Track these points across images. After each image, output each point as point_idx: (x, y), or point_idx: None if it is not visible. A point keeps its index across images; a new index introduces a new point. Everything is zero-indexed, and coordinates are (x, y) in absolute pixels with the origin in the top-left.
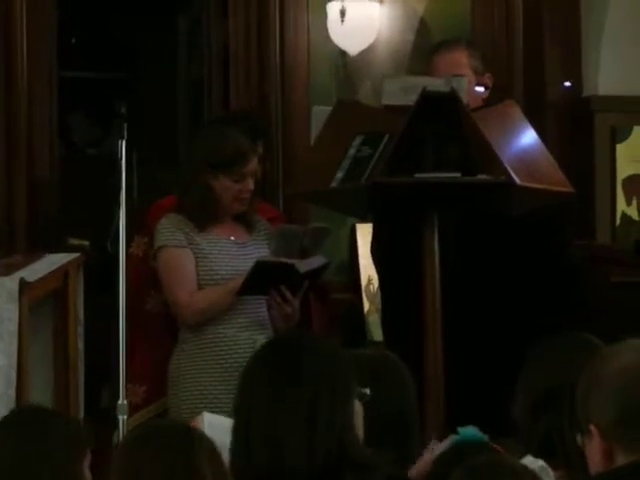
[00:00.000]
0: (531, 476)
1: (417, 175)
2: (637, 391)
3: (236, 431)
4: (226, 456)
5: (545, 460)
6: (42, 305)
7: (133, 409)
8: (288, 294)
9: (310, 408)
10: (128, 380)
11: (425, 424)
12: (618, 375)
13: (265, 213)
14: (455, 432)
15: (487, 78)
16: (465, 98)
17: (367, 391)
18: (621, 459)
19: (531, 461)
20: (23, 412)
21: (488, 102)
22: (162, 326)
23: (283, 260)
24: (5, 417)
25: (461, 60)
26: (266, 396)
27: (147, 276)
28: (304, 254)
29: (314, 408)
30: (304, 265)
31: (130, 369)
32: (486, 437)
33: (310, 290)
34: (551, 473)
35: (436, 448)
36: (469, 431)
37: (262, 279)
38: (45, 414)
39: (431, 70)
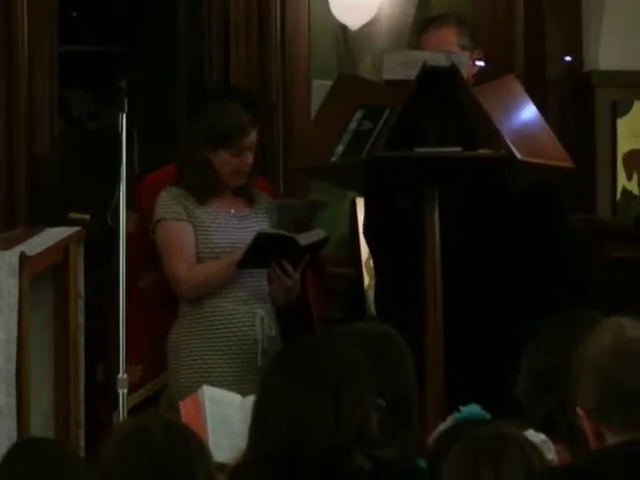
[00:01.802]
0: (533, 448)
1: (418, 150)
2: (613, 371)
3: (258, 422)
4: (231, 427)
5: (547, 436)
6: (42, 279)
7: (131, 388)
8: (289, 267)
9: (334, 399)
10: (131, 361)
11: (425, 405)
12: (596, 356)
13: (255, 187)
14: (457, 410)
15: (476, 54)
16: (465, 73)
17: (382, 402)
18: (610, 439)
19: (532, 434)
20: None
21: (488, 77)
22: (156, 303)
23: (284, 233)
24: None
25: (450, 38)
26: (289, 389)
27: (138, 252)
28: (300, 226)
29: (337, 399)
30: (305, 238)
31: (126, 348)
32: (488, 415)
33: (307, 264)
34: (552, 447)
35: (440, 426)
36: (472, 409)
37: (263, 251)
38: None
39: (420, 47)
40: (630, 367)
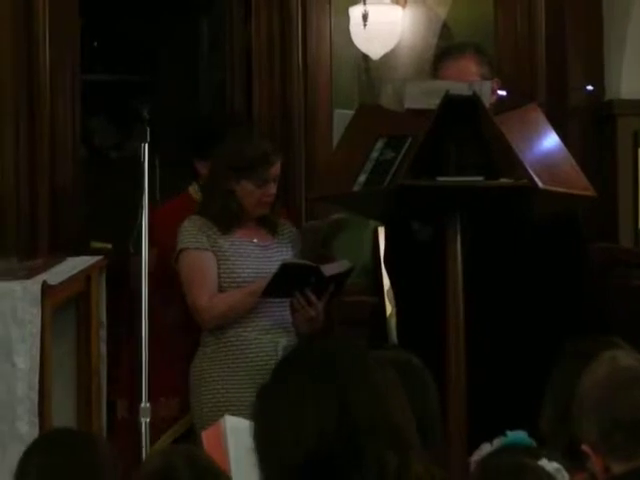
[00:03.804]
0: (547, 477)
1: (440, 179)
2: (610, 402)
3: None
4: (252, 458)
5: (569, 464)
6: (65, 308)
7: (171, 421)
8: (313, 297)
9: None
10: (161, 394)
11: (447, 434)
12: (592, 390)
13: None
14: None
15: (495, 82)
16: (487, 102)
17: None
18: (618, 470)
19: (546, 463)
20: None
21: (509, 106)
22: (180, 337)
23: (308, 262)
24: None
25: (470, 68)
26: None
27: (162, 287)
28: (327, 245)
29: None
30: (330, 269)
31: (159, 383)
32: (534, 442)
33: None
34: (566, 475)
35: (483, 448)
36: (518, 434)
37: (287, 281)
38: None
39: (438, 76)
40: (626, 396)
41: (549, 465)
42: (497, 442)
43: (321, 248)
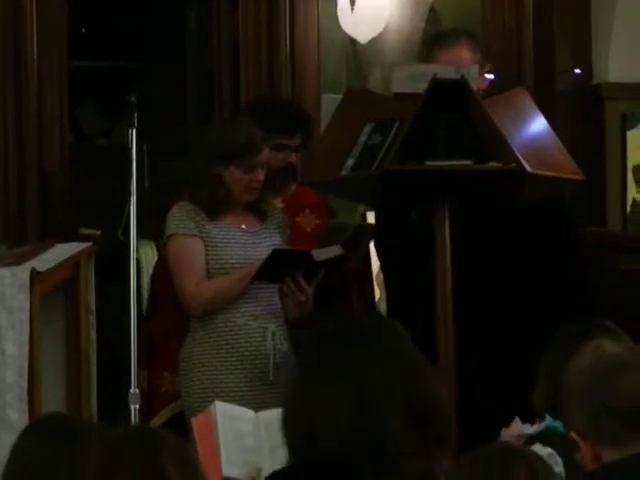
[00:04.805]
0: (541, 462)
1: (428, 163)
2: (596, 389)
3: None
4: (243, 443)
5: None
6: (53, 295)
7: (168, 397)
8: (303, 282)
9: (358, 391)
10: (164, 368)
11: None
12: (578, 378)
13: (308, 198)
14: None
15: (488, 68)
16: (475, 86)
17: None
18: (608, 457)
19: (539, 448)
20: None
21: (497, 90)
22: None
23: (298, 248)
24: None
25: (464, 55)
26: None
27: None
28: (347, 248)
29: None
30: (320, 254)
31: (164, 357)
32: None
33: (350, 275)
34: (559, 460)
35: (524, 427)
36: (556, 424)
37: (277, 267)
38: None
39: (432, 62)
40: (611, 383)
41: (542, 450)
42: (538, 426)
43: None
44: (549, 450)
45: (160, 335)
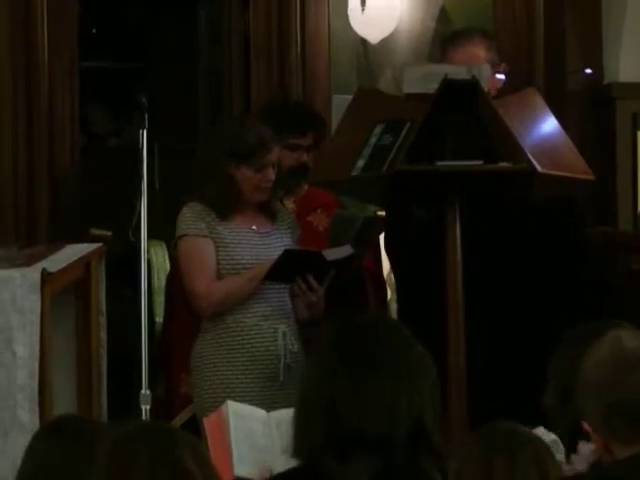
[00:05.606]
0: (544, 447)
1: (438, 163)
2: (614, 384)
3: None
4: (254, 442)
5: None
6: (64, 296)
7: (187, 400)
8: (314, 282)
9: (392, 390)
10: (182, 370)
11: (448, 416)
12: (595, 371)
13: (320, 199)
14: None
15: (502, 67)
16: (486, 86)
17: None
18: (618, 452)
19: (544, 433)
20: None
21: (511, 89)
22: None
23: (310, 248)
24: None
25: (479, 53)
26: (349, 379)
27: None
28: (358, 241)
29: (397, 390)
30: (331, 253)
31: (181, 359)
32: None
33: (367, 272)
34: (562, 448)
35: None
36: None
37: (288, 267)
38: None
39: (447, 62)
40: (629, 378)
41: (546, 435)
42: None
43: (352, 241)
44: (553, 436)
45: (177, 337)
